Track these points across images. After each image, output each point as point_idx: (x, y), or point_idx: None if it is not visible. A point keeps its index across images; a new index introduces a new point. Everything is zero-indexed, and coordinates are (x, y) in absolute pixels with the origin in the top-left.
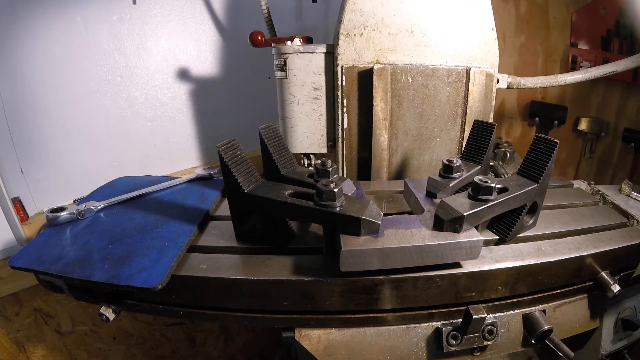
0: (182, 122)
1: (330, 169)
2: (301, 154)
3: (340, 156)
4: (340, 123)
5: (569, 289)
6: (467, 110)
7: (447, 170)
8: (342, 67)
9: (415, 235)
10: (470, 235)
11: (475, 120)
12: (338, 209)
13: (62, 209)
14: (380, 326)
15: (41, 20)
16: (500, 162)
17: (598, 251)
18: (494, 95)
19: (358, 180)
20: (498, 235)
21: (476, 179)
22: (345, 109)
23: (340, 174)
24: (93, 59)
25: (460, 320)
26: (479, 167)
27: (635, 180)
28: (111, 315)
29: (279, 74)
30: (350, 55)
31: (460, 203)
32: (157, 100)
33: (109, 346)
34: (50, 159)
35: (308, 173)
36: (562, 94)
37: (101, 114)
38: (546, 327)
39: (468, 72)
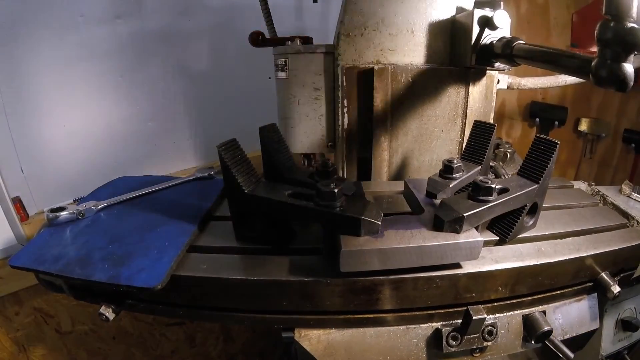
0: (182, 122)
1: (330, 170)
2: (301, 154)
3: (340, 156)
4: (340, 123)
5: (569, 289)
6: (468, 111)
7: (447, 170)
8: (342, 67)
9: (415, 236)
10: (471, 236)
11: (475, 121)
12: (338, 209)
13: (62, 208)
14: (380, 327)
15: (42, 19)
16: (501, 163)
17: (598, 252)
18: (495, 95)
19: (358, 181)
20: (498, 236)
21: (476, 179)
22: (345, 109)
23: (341, 175)
24: (93, 58)
25: (460, 320)
26: (479, 167)
27: (635, 181)
28: (111, 315)
29: (279, 74)
30: (350, 55)
31: (461, 203)
32: (157, 101)
33: (109, 346)
34: (50, 159)
35: (308, 173)
36: (562, 94)
37: (101, 113)
38: (546, 328)
39: (468, 72)
